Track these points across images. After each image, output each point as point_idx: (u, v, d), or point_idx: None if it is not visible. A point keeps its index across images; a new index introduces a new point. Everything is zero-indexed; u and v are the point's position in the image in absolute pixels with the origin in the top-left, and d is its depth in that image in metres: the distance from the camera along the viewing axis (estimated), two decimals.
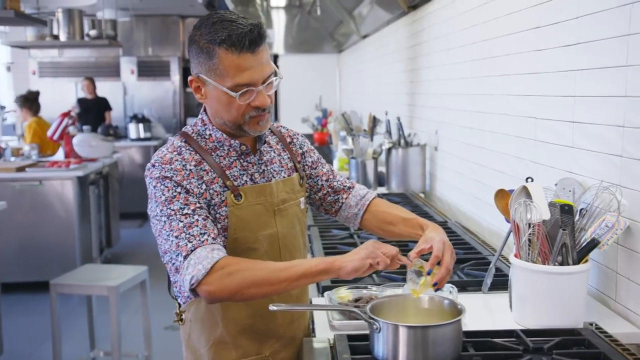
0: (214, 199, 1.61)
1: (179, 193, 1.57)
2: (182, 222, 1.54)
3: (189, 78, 1.64)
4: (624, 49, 1.69)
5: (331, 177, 1.91)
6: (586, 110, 1.90)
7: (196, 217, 1.55)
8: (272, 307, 1.51)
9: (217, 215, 1.61)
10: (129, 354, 4.11)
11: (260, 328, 1.70)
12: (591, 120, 1.87)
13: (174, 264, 1.54)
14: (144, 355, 4.09)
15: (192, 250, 1.51)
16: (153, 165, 1.61)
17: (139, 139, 9.20)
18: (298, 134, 1.91)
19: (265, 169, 1.73)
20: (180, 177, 1.58)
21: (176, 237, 1.53)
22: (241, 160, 1.69)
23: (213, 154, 1.67)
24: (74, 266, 5.31)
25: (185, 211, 1.55)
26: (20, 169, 5.78)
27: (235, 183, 1.65)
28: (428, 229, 1.70)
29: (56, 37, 7.11)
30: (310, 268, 1.51)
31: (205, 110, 1.71)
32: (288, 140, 1.86)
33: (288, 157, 1.82)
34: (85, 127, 7.24)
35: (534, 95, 2.25)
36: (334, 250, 2.47)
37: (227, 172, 1.66)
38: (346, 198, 1.90)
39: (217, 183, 1.63)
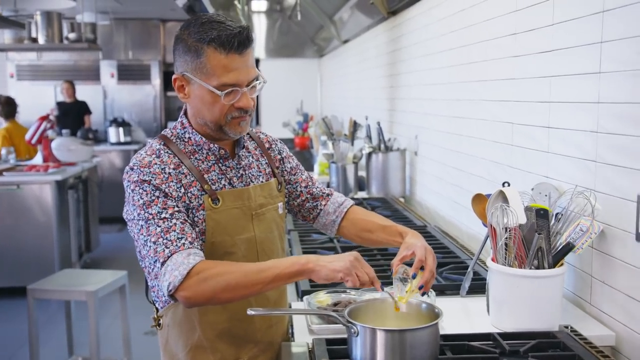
0: (192, 202, 1.61)
1: (157, 197, 1.56)
2: (159, 226, 1.54)
3: (173, 76, 1.64)
4: (597, 56, 1.72)
5: (310, 183, 1.92)
6: (561, 115, 1.93)
7: (174, 221, 1.55)
8: (250, 312, 1.52)
9: (195, 219, 1.61)
10: (108, 359, 4.08)
11: (238, 332, 1.70)
12: (566, 126, 1.90)
13: (152, 269, 1.55)
14: None
15: (169, 257, 1.51)
16: (131, 169, 1.61)
17: (119, 143, 9.15)
18: (277, 140, 1.92)
19: (244, 173, 1.73)
20: (159, 180, 1.58)
21: (154, 242, 1.53)
22: (219, 164, 1.69)
23: (192, 157, 1.67)
24: (52, 271, 5.27)
25: (163, 215, 1.55)
26: None
27: (214, 187, 1.65)
28: (408, 235, 1.73)
29: (35, 40, 7.03)
30: (284, 270, 1.51)
31: (185, 113, 1.71)
32: (267, 145, 1.86)
33: (266, 163, 1.82)
34: (64, 131, 7.17)
35: (511, 100, 2.28)
36: (312, 253, 2.47)
37: (205, 175, 1.66)
38: (324, 205, 1.91)
39: (195, 187, 1.63)
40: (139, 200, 1.57)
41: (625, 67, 1.61)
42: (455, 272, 2.20)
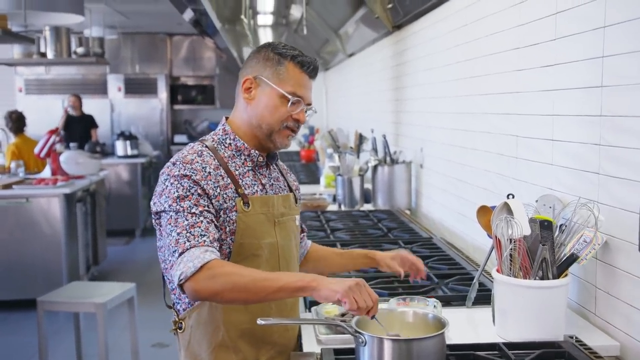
0: (226, 203, 1.70)
1: (192, 194, 1.65)
2: (187, 220, 1.62)
3: (244, 77, 1.80)
4: (599, 70, 1.75)
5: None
6: (564, 128, 1.95)
7: (202, 218, 1.64)
8: (260, 321, 1.55)
9: (227, 219, 1.70)
10: None
11: (258, 333, 1.75)
12: (569, 139, 1.93)
13: (169, 259, 1.62)
14: None
15: (187, 249, 1.59)
16: (174, 164, 1.71)
17: (126, 156, 9.17)
18: (290, 173, 2.05)
19: (274, 183, 1.86)
20: (199, 176, 1.68)
21: (178, 233, 1.61)
22: (254, 171, 1.81)
23: (230, 161, 1.77)
24: (60, 284, 5.29)
25: (193, 210, 1.64)
26: (7, 187, 5.77)
27: (247, 192, 1.75)
28: (378, 254, 2.02)
29: (43, 55, 7.12)
30: (289, 283, 1.56)
31: (227, 119, 1.85)
32: (285, 171, 2.00)
33: (284, 181, 1.95)
34: (71, 144, 7.23)
35: (515, 113, 2.31)
36: None
37: (240, 181, 1.76)
38: (302, 237, 2.06)
39: (231, 189, 1.72)
40: (174, 193, 1.66)
41: (627, 81, 1.63)
42: (460, 283, 2.22)
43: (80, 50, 7.36)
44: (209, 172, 1.70)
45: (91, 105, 9.78)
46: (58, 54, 7.00)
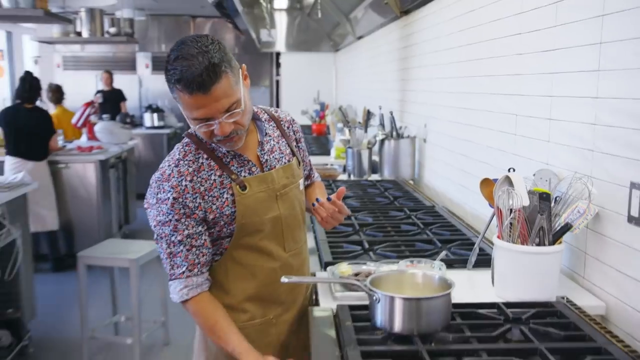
0: (217, 201, 1.61)
1: (170, 220, 1.58)
2: (169, 248, 1.62)
3: None
4: (597, 55, 1.72)
5: (310, 167, 2.01)
6: (562, 109, 1.93)
7: (181, 247, 1.60)
8: (284, 279, 1.56)
9: (223, 204, 1.62)
10: (147, 320, 4.15)
11: (264, 295, 1.74)
12: (566, 118, 1.91)
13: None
14: (160, 320, 4.14)
15: (172, 279, 1.64)
16: (155, 181, 1.61)
17: (153, 127, 9.19)
18: (294, 122, 1.90)
19: (268, 158, 1.72)
20: (177, 193, 1.58)
21: (165, 257, 1.64)
22: (237, 159, 1.67)
23: (217, 150, 1.65)
24: (96, 241, 5.34)
25: (172, 239, 1.60)
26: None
27: (242, 174, 1.66)
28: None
29: (79, 34, 7.08)
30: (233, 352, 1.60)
31: None
32: (286, 126, 1.84)
33: (286, 143, 1.81)
34: (104, 116, 7.22)
35: (515, 94, 2.28)
36: (333, 229, 2.48)
37: (232, 166, 1.66)
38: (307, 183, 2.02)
39: (224, 175, 1.63)
40: (156, 216, 1.61)
41: (623, 66, 1.61)
42: (462, 248, 2.22)
43: (112, 30, 7.30)
44: (185, 186, 1.58)
45: (121, 81, 9.74)
46: (92, 33, 6.96)
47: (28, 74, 5.50)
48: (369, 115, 4.39)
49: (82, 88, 9.88)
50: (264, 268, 1.71)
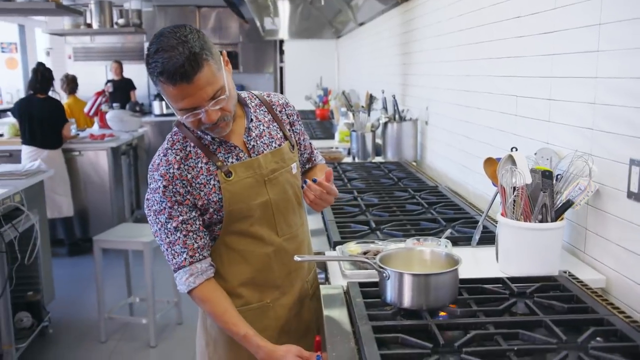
0: (205, 187, 1.60)
1: (164, 208, 1.58)
2: (167, 237, 1.60)
3: None
4: (596, 36, 1.71)
5: (309, 150, 1.95)
6: (561, 89, 1.92)
7: (178, 234, 1.58)
8: (297, 258, 1.56)
9: (210, 191, 1.60)
10: (160, 300, 4.18)
11: (259, 280, 1.71)
12: (566, 98, 1.89)
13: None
14: (173, 301, 4.17)
15: (175, 270, 1.62)
16: (148, 173, 1.63)
17: (162, 115, 9.19)
18: (288, 105, 1.84)
19: (255, 144, 1.68)
20: (167, 181, 1.57)
21: (165, 248, 1.62)
22: (224, 146, 1.64)
23: (204, 138, 1.63)
24: (109, 225, 5.36)
25: (168, 226, 1.58)
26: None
27: (229, 160, 1.63)
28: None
29: (89, 26, 7.05)
30: (250, 344, 1.60)
31: None
32: (278, 109, 1.79)
33: (277, 127, 1.76)
34: (114, 105, 7.21)
35: (515, 76, 2.26)
36: (340, 210, 2.50)
37: (218, 153, 1.63)
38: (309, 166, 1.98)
39: (210, 163, 1.61)
40: (152, 206, 1.60)
41: (621, 47, 1.59)
42: (465, 226, 2.22)
43: (121, 21, 7.27)
44: (173, 174, 1.57)
45: (130, 70, 9.71)
46: (102, 25, 6.93)
47: (40, 65, 5.50)
48: (371, 99, 4.37)
49: (92, 78, 9.85)
50: (257, 253, 1.69)
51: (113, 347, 3.94)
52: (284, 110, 1.81)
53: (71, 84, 6.91)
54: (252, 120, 1.71)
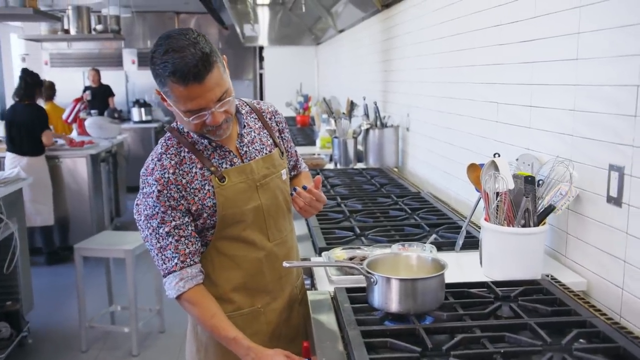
0: (200, 192, 1.60)
1: (157, 212, 1.57)
2: (159, 242, 1.59)
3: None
4: (575, 45, 1.75)
5: (296, 158, 1.96)
6: (542, 96, 1.96)
7: (170, 239, 1.58)
8: (285, 264, 1.57)
9: (205, 196, 1.60)
10: (143, 308, 4.14)
11: (250, 285, 1.71)
12: (546, 105, 1.93)
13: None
14: (155, 308, 4.13)
15: (165, 274, 1.61)
16: (141, 177, 1.61)
17: (141, 122, 9.13)
18: (277, 113, 1.86)
19: (247, 150, 1.70)
20: (160, 186, 1.56)
21: (155, 253, 1.61)
22: (218, 151, 1.65)
23: (198, 142, 1.64)
24: (89, 233, 5.30)
25: (160, 231, 1.58)
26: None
27: (223, 166, 1.64)
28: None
29: (67, 31, 6.97)
30: (236, 347, 1.59)
31: None
32: (268, 116, 1.81)
33: (267, 134, 1.78)
34: (93, 111, 7.14)
35: (496, 83, 2.30)
36: (324, 216, 2.52)
37: (212, 159, 1.64)
38: (294, 174, 1.98)
39: (204, 168, 1.61)
40: (144, 210, 1.59)
41: (600, 55, 1.63)
42: (448, 231, 2.25)
43: (99, 27, 7.19)
44: (168, 178, 1.56)
45: (108, 77, 9.64)
46: (80, 31, 6.85)
47: (24, 72, 5.47)
48: (352, 105, 4.40)
49: (69, 84, 9.75)
50: (249, 258, 1.69)
51: (94, 356, 3.89)
52: (273, 117, 1.83)
53: (48, 90, 6.83)
54: (244, 126, 1.72)
